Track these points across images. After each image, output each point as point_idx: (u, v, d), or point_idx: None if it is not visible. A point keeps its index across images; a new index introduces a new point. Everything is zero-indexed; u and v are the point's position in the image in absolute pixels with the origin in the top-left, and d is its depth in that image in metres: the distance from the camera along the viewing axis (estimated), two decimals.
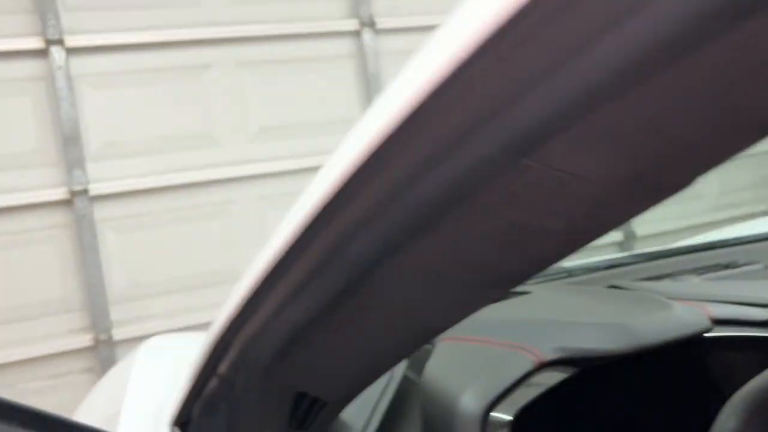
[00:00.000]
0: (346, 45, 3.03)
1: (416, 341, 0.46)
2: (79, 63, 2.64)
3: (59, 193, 2.58)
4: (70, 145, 2.59)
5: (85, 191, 2.60)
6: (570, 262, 1.23)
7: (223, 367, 0.56)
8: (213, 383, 0.59)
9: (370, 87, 3.01)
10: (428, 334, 0.44)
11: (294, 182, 2.91)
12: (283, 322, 0.46)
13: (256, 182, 2.88)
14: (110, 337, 2.63)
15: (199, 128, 2.80)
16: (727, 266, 1.08)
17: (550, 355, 0.72)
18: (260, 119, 2.89)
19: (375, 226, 0.35)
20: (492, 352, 0.75)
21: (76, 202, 2.59)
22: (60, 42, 2.58)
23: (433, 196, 0.32)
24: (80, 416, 1.14)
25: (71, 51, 2.61)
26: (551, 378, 0.72)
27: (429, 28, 0.29)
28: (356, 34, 3.02)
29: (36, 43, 2.56)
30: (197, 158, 2.79)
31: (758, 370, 0.63)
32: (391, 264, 0.36)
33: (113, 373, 1.29)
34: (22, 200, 2.54)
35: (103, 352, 2.62)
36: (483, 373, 0.71)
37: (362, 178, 0.33)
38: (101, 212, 2.65)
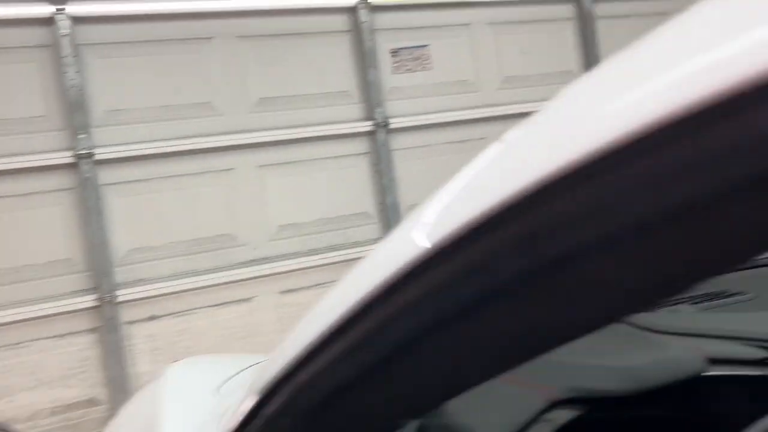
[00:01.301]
0: (339, 20, 3.13)
1: (447, 396, 0.52)
2: (84, 31, 2.71)
3: (64, 157, 2.65)
4: (75, 111, 2.66)
5: (90, 155, 2.67)
6: None
7: (269, 410, 0.61)
8: (258, 423, 0.63)
9: (365, 59, 3.12)
10: (454, 391, 0.49)
11: (290, 151, 3.01)
12: (332, 378, 0.53)
13: (255, 150, 2.96)
14: (114, 298, 2.70)
15: (200, 98, 2.89)
16: (717, 295, 1.08)
17: (562, 394, 0.78)
18: (259, 91, 2.98)
19: (426, 311, 0.42)
20: (509, 389, 0.80)
21: (81, 165, 2.66)
22: (62, 11, 2.64)
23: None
24: None
25: (77, 20, 2.68)
26: (563, 416, 0.77)
27: None
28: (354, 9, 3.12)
29: (41, 9, 2.63)
30: (199, 126, 2.87)
31: (755, 410, 0.65)
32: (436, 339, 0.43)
33: (143, 394, 1.31)
34: (28, 163, 2.61)
35: (107, 313, 2.69)
36: (501, 409, 0.77)
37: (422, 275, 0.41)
38: (106, 177, 2.72)
